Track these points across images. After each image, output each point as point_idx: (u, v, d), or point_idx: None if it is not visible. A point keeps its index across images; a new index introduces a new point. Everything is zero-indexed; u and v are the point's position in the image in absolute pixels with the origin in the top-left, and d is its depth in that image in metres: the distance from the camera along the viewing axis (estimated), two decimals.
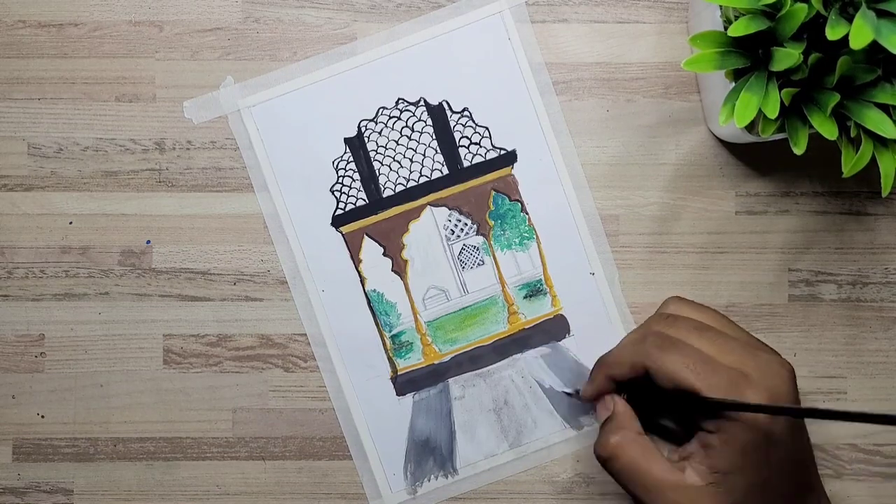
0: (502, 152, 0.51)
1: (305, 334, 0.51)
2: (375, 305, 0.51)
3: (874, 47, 0.38)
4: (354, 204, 0.51)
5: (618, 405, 0.46)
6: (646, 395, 0.46)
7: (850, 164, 0.41)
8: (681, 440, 0.46)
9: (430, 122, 0.51)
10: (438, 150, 0.51)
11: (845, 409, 0.48)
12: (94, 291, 0.51)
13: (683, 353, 0.43)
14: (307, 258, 0.51)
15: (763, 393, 0.42)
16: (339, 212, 0.51)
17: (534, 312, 0.51)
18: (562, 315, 0.51)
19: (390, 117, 0.51)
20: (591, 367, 0.51)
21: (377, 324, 0.51)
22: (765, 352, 0.44)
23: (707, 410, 0.43)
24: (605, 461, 0.45)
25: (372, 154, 0.51)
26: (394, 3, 0.51)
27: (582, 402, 0.49)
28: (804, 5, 0.39)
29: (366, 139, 0.51)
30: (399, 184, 0.51)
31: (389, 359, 0.51)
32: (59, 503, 0.51)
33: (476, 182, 0.51)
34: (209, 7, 0.51)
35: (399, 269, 0.51)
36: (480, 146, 0.51)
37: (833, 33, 0.38)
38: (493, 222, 0.51)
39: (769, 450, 0.42)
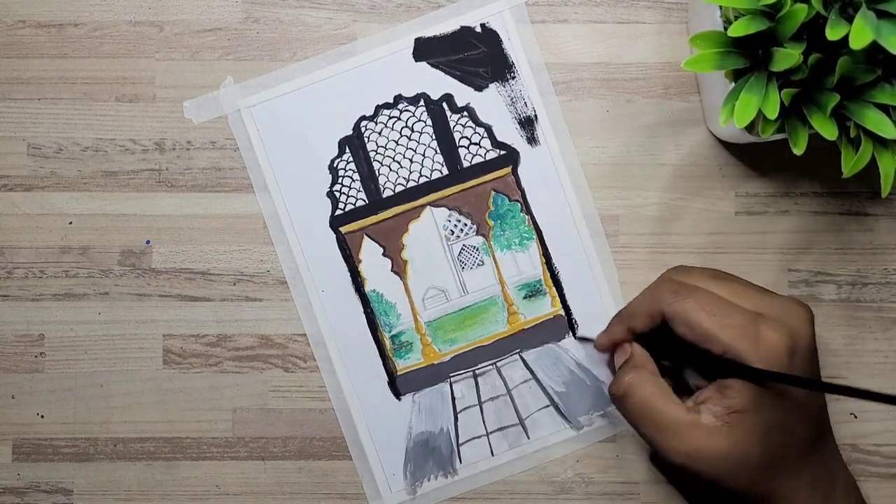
0: (502, 152, 0.51)
1: (305, 334, 0.51)
2: (375, 306, 0.51)
3: (874, 48, 0.38)
4: (354, 204, 0.51)
5: (635, 348, 0.46)
6: (665, 350, 0.45)
7: (850, 164, 0.41)
8: None
9: (429, 122, 0.51)
10: (438, 150, 0.51)
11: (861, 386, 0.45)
12: (94, 291, 0.51)
13: (699, 297, 0.43)
14: (307, 258, 0.51)
15: (781, 330, 0.42)
16: (339, 212, 0.51)
17: (533, 312, 0.51)
18: (562, 315, 0.51)
19: (390, 117, 0.51)
20: (590, 368, 0.51)
21: (377, 324, 0.51)
22: (783, 297, 0.44)
23: (723, 368, 0.42)
24: (619, 399, 0.44)
25: (371, 154, 0.51)
26: (394, 3, 0.51)
27: (597, 350, 0.49)
28: (804, 6, 0.39)
29: (365, 139, 0.51)
30: (399, 184, 0.51)
31: (389, 359, 0.51)
32: (59, 503, 0.51)
33: (476, 182, 0.51)
34: (209, 7, 0.51)
35: (399, 269, 0.51)
36: (480, 146, 0.51)
37: (833, 34, 0.38)
38: (492, 222, 0.51)
39: (786, 392, 0.42)
